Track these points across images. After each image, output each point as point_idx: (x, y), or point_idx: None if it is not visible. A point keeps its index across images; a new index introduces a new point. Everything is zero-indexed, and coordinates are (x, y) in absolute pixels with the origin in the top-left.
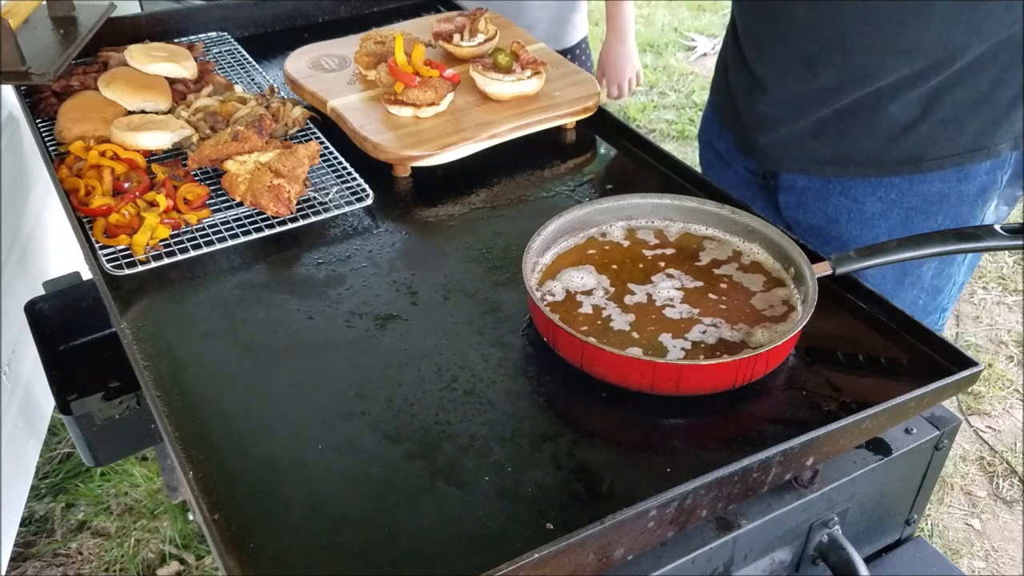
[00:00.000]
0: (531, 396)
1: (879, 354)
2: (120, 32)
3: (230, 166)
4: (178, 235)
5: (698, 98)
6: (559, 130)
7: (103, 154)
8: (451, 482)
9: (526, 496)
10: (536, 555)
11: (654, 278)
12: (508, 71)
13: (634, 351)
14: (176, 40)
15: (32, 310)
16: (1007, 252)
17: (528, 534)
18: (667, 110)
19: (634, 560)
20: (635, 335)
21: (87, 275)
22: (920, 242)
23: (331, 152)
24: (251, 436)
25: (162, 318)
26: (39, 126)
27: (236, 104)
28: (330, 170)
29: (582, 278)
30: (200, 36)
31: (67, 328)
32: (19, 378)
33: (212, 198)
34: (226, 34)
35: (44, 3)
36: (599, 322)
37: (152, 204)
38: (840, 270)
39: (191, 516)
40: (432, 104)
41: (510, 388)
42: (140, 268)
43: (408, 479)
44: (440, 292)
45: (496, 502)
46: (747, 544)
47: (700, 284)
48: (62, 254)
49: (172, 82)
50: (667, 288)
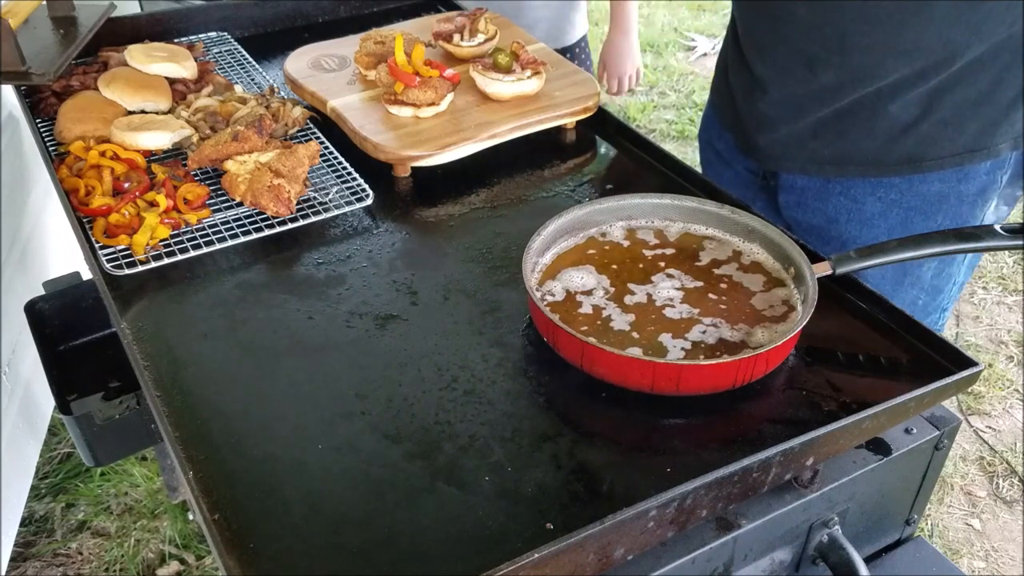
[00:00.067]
0: (531, 396)
1: (879, 354)
2: (120, 32)
3: (230, 166)
4: (178, 235)
5: (698, 98)
6: (559, 130)
7: (103, 154)
8: (451, 482)
9: (526, 496)
10: (536, 555)
11: (654, 278)
12: (508, 71)
13: (634, 351)
14: (176, 40)
15: (32, 310)
16: (1007, 252)
17: (528, 534)
18: (667, 110)
19: (634, 560)
20: (635, 335)
21: (87, 275)
22: (920, 242)
23: (331, 152)
24: (251, 436)
25: (162, 318)
26: (39, 126)
27: (236, 104)
28: (330, 170)
29: (582, 278)
30: (200, 36)
31: (67, 328)
32: (19, 378)
33: (212, 198)
34: (226, 34)
35: (44, 3)
36: (599, 322)
37: (152, 204)
38: (840, 270)
39: (191, 516)
40: (432, 104)
41: (510, 388)
42: (140, 268)
43: (408, 479)
44: (440, 292)
45: (496, 502)
46: (747, 544)
47: (700, 284)
48: (62, 254)
49: (172, 82)
50: (667, 288)
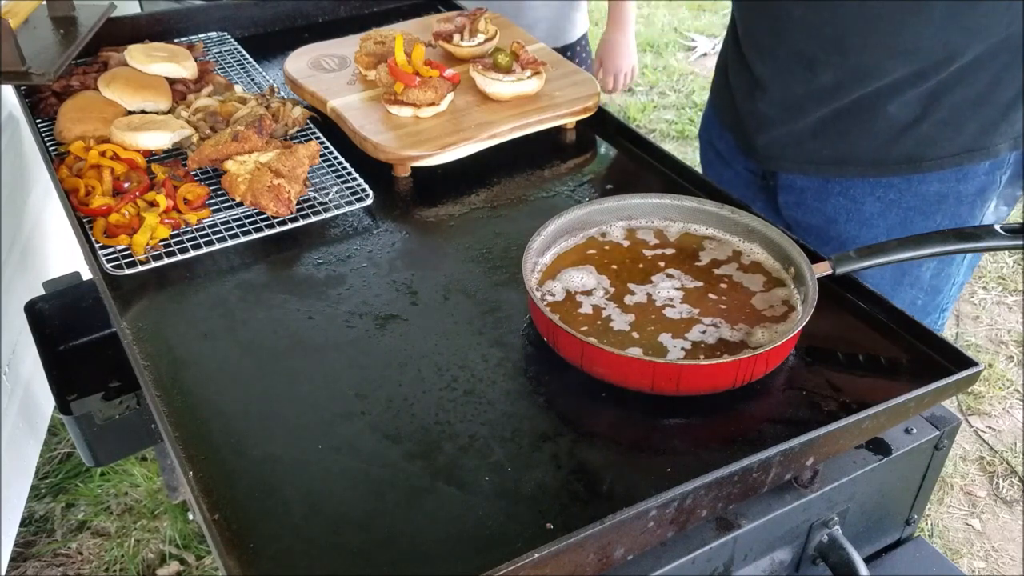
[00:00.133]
0: (531, 396)
1: (879, 354)
2: (120, 32)
3: (230, 166)
4: (178, 235)
5: (698, 98)
6: (559, 130)
7: (103, 154)
8: (451, 482)
9: (526, 496)
10: (536, 555)
11: (654, 278)
12: (508, 71)
13: (634, 351)
14: (176, 40)
15: (32, 310)
16: (1007, 252)
17: (528, 534)
18: (667, 110)
19: (634, 560)
20: (635, 335)
21: (87, 275)
22: (920, 242)
23: (331, 152)
24: (251, 436)
25: (162, 318)
26: (39, 126)
27: (236, 104)
28: (330, 170)
29: (582, 278)
30: (200, 36)
31: (67, 328)
32: (19, 378)
33: (212, 198)
34: (226, 34)
35: (44, 3)
36: (599, 322)
37: (152, 204)
38: (840, 270)
39: (191, 516)
40: (432, 104)
41: (510, 388)
42: (140, 268)
43: (408, 479)
44: (440, 292)
45: (496, 502)
46: (747, 544)
47: (700, 284)
48: (62, 254)
49: (172, 82)
50: (667, 288)
